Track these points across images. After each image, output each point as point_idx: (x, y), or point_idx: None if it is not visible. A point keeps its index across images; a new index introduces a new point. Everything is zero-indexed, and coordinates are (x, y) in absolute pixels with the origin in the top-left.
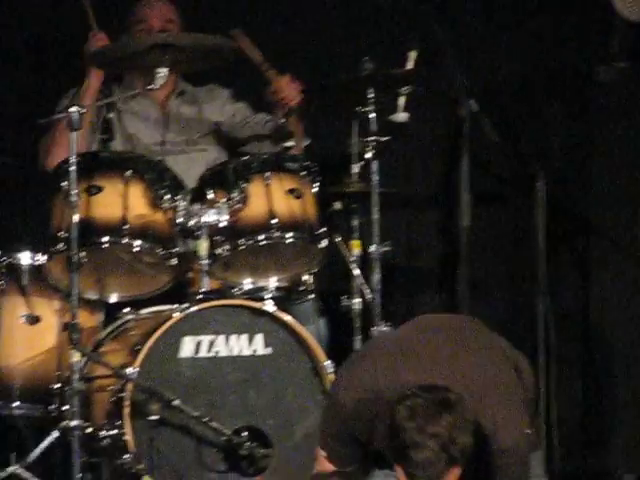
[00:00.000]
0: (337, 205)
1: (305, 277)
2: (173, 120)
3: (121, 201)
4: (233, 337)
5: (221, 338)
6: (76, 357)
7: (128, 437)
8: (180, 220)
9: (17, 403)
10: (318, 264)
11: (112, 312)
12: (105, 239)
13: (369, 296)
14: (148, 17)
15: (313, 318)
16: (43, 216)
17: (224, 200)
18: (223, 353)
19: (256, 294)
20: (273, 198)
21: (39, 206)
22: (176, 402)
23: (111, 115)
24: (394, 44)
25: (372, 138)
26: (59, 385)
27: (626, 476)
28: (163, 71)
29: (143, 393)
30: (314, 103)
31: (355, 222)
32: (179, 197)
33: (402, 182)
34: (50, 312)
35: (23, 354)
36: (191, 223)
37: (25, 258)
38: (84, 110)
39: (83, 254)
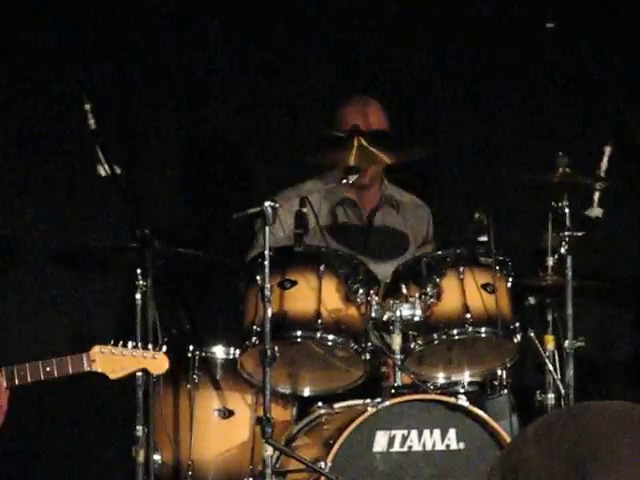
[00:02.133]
0: (531, 299)
1: (499, 372)
2: (376, 228)
3: (315, 295)
4: (426, 432)
5: (414, 432)
6: (269, 451)
7: None
8: (374, 314)
9: None
10: (512, 359)
11: (304, 406)
12: (298, 333)
13: (563, 391)
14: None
15: (506, 413)
16: (237, 310)
17: (418, 294)
18: (416, 448)
19: (449, 388)
20: (467, 293)
21: (233, 300)
22: None
23: (305, 209)
24: (588, 138)
25: (567, 233)
26: (252, 479)
27: None
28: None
29: None
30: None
31: (549, 316)
32: (373, 291)
33: (596, 276)
34: (243, 406)
35: (217, 447)
36: (385, 318)
37: (219, 352)
38: (277, 205)
39: (276, 348)
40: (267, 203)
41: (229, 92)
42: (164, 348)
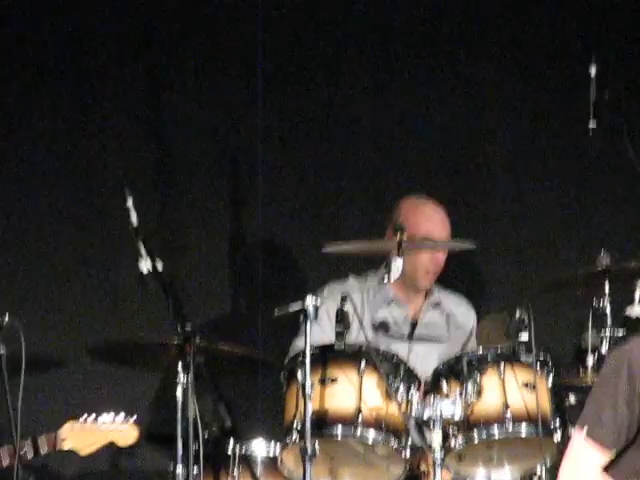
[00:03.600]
0: (571, 398)
1: (538, 470)
2: (420, 328)
3: (355, 392)
4: None
5: None
6: None
7: None
8: (414, 412)
9: None
10: (552, 458)
11: None
12: (339, 430)
13: None
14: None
15: None
16: (278, 406)
17: (458, 392)
18: None
19: None
20: (507, 391)
21: (274, 396)
22: None
23: (346, 307)
24: (631, 234)
25: (607, 331)
26: None
27: None
28: (395, 265)
29: None
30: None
31: None
32: (413, 389)
33: None
34: None
35: None
36: (425, 415)
37: (259, 448)
38: (319, 304)
39: (317, 445)
40: (309, 299)
41: (272, 189)
42: (132, 419)
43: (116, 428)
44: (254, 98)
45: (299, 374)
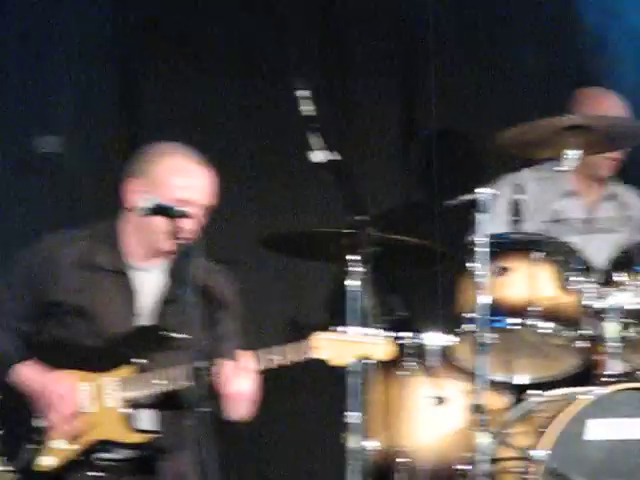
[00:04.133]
0: None
1: None
2: (596, 220)
3: (528, 283)
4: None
5: (630, 421)
6: (483, 439)
7: None
8: (588, 302)
9: None
10: None
11: (518, 394)
12: (512, 321)
13: None
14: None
15: None
16: (451, 297)
17: (634, 282)
18: (632, 436)
19: None
20: None
21: (447, 287)
22: None
23: (519, 197)
24: None
25: None
26: (464, 466)
27: None
28: (572, 153)
29: (550, 476)
30: None
31: None
32: (587, 279)
33: None
34: (456, 393)
35: (429, 435)
36: (600, 305)
37: (433, 339)
38: (492, 193)
39: (491, 335)
40: (481, 190)
41: (447, 78)
42: (386, 333)
43: (371, 341)
44: None
45: (472, 264)
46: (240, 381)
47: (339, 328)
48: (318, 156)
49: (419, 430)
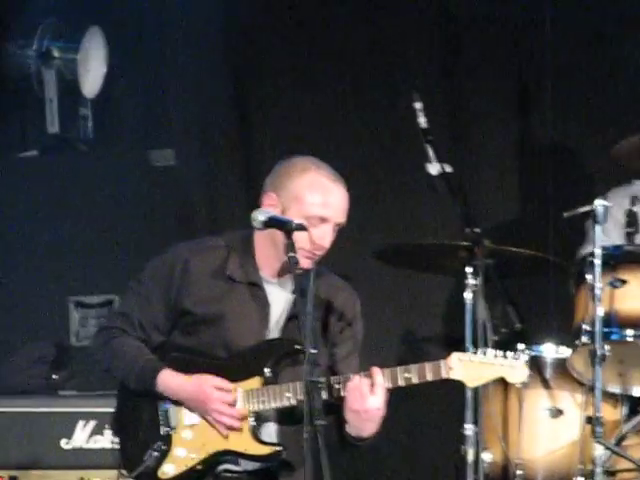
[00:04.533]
0: None
1: None
2: None
3: None
4: None
5: None
6: (599, 450)
7: None
8: None
9: None
10: None
11: (634, 405)
12: (629, 333)
13: None
14: None
15: None
16: (567, 308)
17: None
18: None
19: None
20: None
21: (563, 298)
22: None
23: (635, 208)
24: None
25: None
26: (580, 479)
27: None
28: None
29: None
30: None
31: None
32: None
33: None
34: (573, 405)
35: (546, 447)
36: None
37: (549, 351)
38: (609, 204)
39: (607, 347)
40: (598, 201)
41: (563, 89)
42: (524, 356)
43: (509, 364)
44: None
45: (588, 276)
46: (374, 398)
47: (477, 350)
48: (435, 168)
49: (535, 442)
